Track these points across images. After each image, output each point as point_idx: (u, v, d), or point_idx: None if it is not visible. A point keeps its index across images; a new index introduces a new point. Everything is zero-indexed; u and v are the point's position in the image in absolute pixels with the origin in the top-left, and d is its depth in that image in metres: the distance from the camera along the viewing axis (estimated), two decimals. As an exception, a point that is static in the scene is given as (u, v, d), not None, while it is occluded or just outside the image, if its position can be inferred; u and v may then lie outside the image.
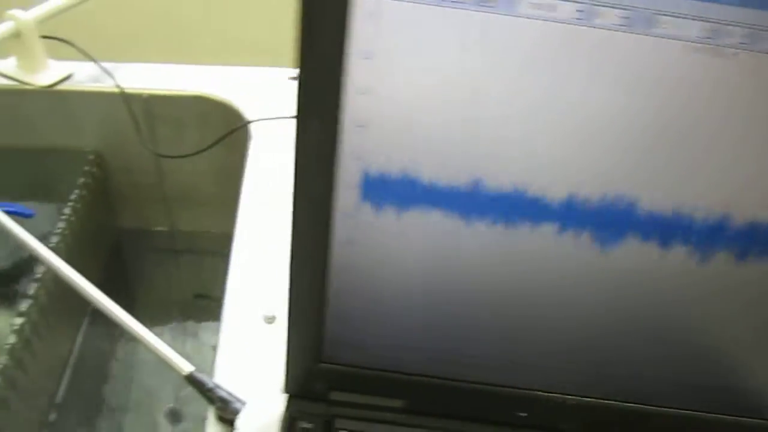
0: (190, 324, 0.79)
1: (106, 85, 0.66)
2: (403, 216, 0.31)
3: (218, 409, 0.40)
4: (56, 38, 0.65)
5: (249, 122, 0.62)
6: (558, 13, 0.26)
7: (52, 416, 0.62)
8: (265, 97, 0.66)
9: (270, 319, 0.47)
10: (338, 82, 0.27)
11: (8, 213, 0.57)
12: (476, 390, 0.36)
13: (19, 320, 0.55)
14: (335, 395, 0.36)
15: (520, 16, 0.26)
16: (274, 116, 0.63)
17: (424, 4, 0.26)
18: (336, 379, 0.36)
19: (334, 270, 0.32)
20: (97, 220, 0.70)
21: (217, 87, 0.67)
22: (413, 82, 0.27)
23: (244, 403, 0.40)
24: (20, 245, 0.55)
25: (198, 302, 0.86)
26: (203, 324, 0.79)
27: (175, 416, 0.69)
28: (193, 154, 0.64)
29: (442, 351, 0.35)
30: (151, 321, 0.73)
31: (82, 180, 0.67)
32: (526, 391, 0.35)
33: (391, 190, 0.30)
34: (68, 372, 0.66)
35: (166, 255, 0.82)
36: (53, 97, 0.66)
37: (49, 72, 0.66)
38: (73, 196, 0.65)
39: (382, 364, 0.36)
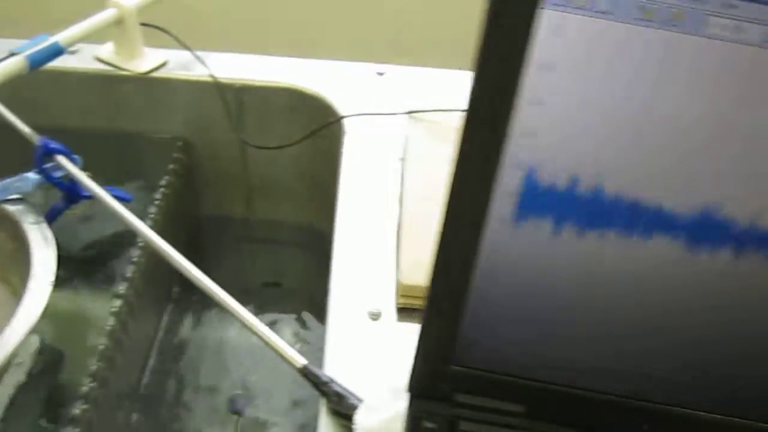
0: (261, 312, 0.80)
1: (200, 74, 0.67)
2: (557, 227, 0.31)
3: (333, 403, 0.41)
4: (154, 26, 0.66)
5: (342, 117, 0.63)
6: (746, 35, 0.25)
7: (141, 394, 0.64)
8: (355, 92, 0.66)
9: (375, 316, 0.47)
10: (513, 91, 0.27)
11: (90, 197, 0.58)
12: (601, 400, 0.36)
13: (117, 302, 0.56)
14: (460, 397, 0.37)
15: (706, 37, 0.26)
16: (363, 112, 0.64)
17: (610, 20, 0.26)
18: (462, 381, 0.36)
19: (479, 275, 0.33)
20: (182, 205, 0.71)
21: (307, 80, 0.67)
22: (589, 96, 0.27)
23: (360, 400, 0.40)
24: (129, 229, 0.57)
25: (266, 290, 0.87)
26: (273, 314, 0.81)
27: (239, 403, 0.70)
28: (286, 146, 0.65)
29: (573, 360, 0.35)
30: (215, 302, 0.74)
31: (171, 166, 0.68)
32: (654, 405, 0.36)
33: (549, 201, 0.30)
34: (154, 352, 0.67)
35: (242, 242, 0.83)
36: (148, 84, 0.67)
37: (145, 59, 0.67)
38: (162, 182, 0.67)
39: (509, 370, 0.36)
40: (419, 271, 0.47)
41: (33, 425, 0.49)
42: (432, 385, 0.37)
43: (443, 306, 0.34)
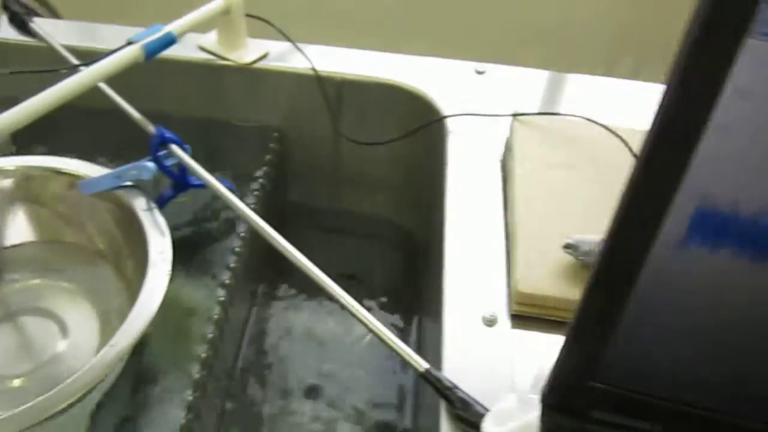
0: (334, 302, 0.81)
1: (300, 66, 0.67)
2: (723, 252, 0.30)
3: (457, 410, 0.41)
4: (259, 18, 0.67)
5: (445, 117, 0.63)
6: None
7: (234, 379, 0.65)
8: (456, 91, 0.66)
9: (490, 322, 0.47)
10: (707, 115, 0.27)
11: (201, 186, 0.59)
12: (742, 427, 0.36)
13: (221, 291, 0.57)
14: (596, 413, 0.37)
15: None
16: (465, 111, 0.63)
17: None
18: (601, 398, 0.36)
19: (636, 296, 0.32)
20: (274, 194, 0.72)
21: (407, 76, 0.67)
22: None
23: (484, 408, 0.41)
24: (229, 219, 0.57)
25: (341, 281, 0.88)
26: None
27: (312, 392, 0.71)
28: (387, 142, 0.65)
29: (718, 384, 0.35)
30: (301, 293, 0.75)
31: (268, 157, 0.69)
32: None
33: (720, 227, 0.30)
34: (245, 341, 0.68)
35: (323, 232, 0.83)
36: (249, 74, 0.68)
37: (248, 50, 0.68)
38: (259, 173, 0.67)
39: (651, 390, 0.36)
40: (535, 279, 0.47)
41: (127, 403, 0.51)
42: (569, 399, 0.37)
43: (595, 323, 0.34)
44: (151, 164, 0.53)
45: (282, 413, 0.68)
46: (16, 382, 0.52)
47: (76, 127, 0.65)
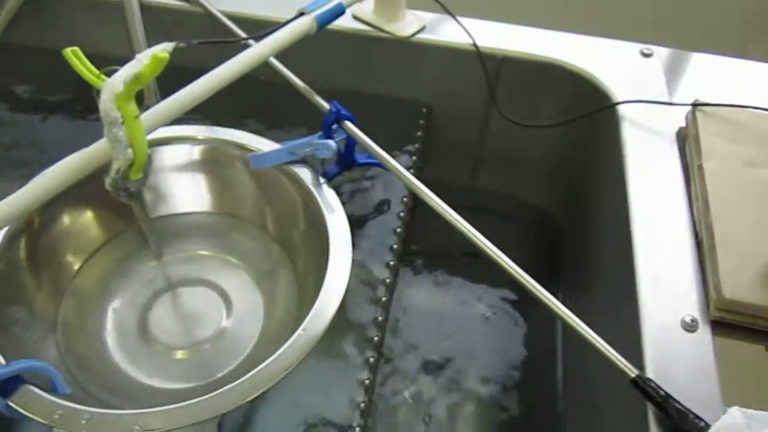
0: (458, 280, 0.80)
1: (461, 41, 0.65)
2: None
3: (674, 421, 0.40)
4: (419, -12, 0.64)
5: (618, 103, 0.60)
6: None
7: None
8: (622, 73, 0.63)
9: (690, 327, 0.45)
10: None
11: (369, 164, 0.58)
12: None
13: (386, 273, 0.56)
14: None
15: None
16: (634, 97, 0.60)
17: None
18: None
19: None
20: (418, 170, 0.70)
21: (570, 55, 0.64)
22: None
23: (700, 419, 0.39)
24: (387, 200, 0.56)
25: (464, 259, 0.86)
26: (472, 284, 0.80)
27: (433, 368, 0.70)
28: (553, 126, 0.63)
29: None
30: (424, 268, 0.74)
31: (419, 134, 0.67)
32: None
33: None
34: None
35: (455, 209, 0.82)
36: (406, 47, 0.66)
37: (405, 22, 0.66)
38: (410, 148, 0.66)
39: None
40: (742, 285, 0.45)
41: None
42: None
43: None
44: (332, 143, 0.52)
45: (402, 389, 0.68)
46: (180, 354, 0.52)
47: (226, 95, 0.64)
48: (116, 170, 0.46)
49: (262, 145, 0.55)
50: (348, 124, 0.54)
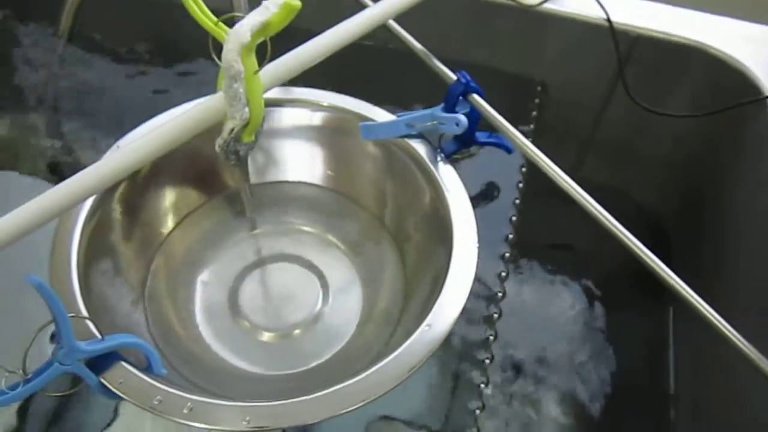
0: (545, 273, 0.74)
1: (592, 15, 0.59)
2: None
3: None
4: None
5: (766, 97, 0.53)
6: None
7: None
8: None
9: None
10: None
11: (493, 144, 0.52)
12: None
13: (501, 266, 0.51)
14: None
15: None
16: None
17: None
18: None
19: None
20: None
21: (716, 39, 0.58)
22: None
23: None
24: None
25: (551, 251, 0.81)
26: (559, 275, 0.74)
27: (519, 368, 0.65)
28: (683, 116, 0.56)
29: None
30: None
31: (534, 113, 0.61)
32: None
33: None
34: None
35: (548, 195, 0.76)
36: (530, 17, 0.60)
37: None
38: (524, 129, 0.60)
39: None
40: None
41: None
42: None
43: None
44: (463, 117, 0.46)
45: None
46: (266, 337, 0.48)
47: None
48: (230, 131, 0.41)
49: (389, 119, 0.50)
50: (476, 97, 0.48)
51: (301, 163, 0.52)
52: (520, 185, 0.56)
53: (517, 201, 0.54)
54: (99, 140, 0.61)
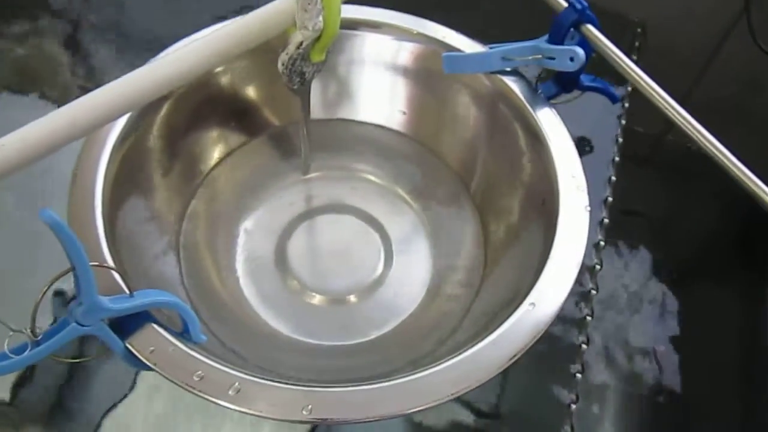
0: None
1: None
2: None
3: None
4: None
5: None
6: None
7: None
8: None
9: None
10: None
11: (598, 91, 0.44)
12: None
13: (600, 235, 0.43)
14: None
15: None
16: None
17: None
18: None
19: None
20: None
21: None
22: None
23: None
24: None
25: (622, 216, 0.72)
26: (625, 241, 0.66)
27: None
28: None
29: None
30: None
31: (634, 57, 0.52)
32: None
33: None
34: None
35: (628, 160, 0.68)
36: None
37: None
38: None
39: None
40: None
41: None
42: None
43: None
44: (580, 50, 0.38)
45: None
46: (317, 300, 0.40)
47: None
48: (298, 44, 0.33)
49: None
50: (591, 28, 0.39)
51: (377, 101, 0.44)
52: (620, 140, 0.47)
53: (616, 159, 0.46)
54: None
